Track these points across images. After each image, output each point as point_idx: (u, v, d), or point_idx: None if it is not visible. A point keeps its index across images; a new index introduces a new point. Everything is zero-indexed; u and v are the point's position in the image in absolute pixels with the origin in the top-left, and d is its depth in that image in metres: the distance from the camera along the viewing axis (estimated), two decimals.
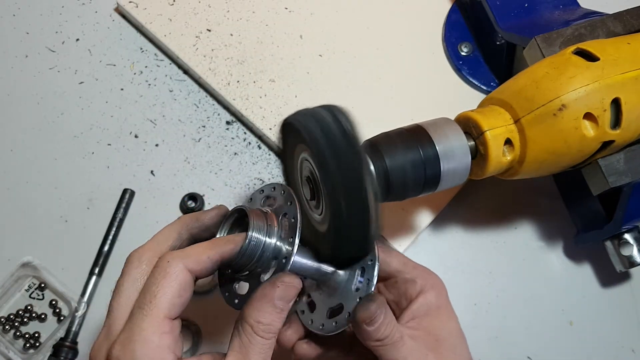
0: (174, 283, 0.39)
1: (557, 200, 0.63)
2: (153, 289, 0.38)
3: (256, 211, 0.42)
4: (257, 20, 0.68)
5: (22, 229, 0.61)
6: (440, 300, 0.47)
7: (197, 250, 0.40)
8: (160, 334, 0.38)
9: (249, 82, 0.65)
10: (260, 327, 0.40)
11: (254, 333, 0.40)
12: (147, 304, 0.38)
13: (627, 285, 0.62)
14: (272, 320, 0.40)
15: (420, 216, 0.61)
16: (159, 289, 0.38)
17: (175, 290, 0.38)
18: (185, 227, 0.44)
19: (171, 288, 0.38)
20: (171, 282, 0.38)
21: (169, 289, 0.38)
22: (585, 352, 0.59)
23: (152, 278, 0.39)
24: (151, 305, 0.38)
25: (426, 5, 0.70)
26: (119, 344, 0.38)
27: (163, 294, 0.38)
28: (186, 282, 0.39)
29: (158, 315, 0.38)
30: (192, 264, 0.39)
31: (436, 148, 0.45)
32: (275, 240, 0.42)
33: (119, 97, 0.66)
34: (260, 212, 0.42)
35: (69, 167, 0.64)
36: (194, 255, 0.40)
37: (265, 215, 0.42)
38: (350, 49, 0.68)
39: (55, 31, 0.69)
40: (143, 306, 0.38)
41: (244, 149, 0.65)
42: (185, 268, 0.39)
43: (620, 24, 0.52)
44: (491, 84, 0.66)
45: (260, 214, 0.42)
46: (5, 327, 0.58)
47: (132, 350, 0.37)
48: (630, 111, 0.46)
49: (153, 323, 0.38)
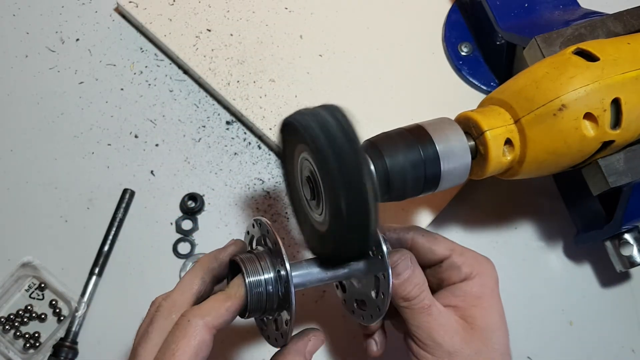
0: (192, 342, 0.39)
1: (557, 200, 0.63)
2: (173, 347, 0.39)
3: (247, 257, 0.43)
4: (257, 20, 0.68)
5: (22, 229, 0.61)
6: (484, 289, 0.46)
7: (215, 305, 0.41)
8: None
9: (249, 82, 0.65)
10: None
11: None
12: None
13: (627, 285, 0.62)
14: None
15: (420, 216, 0.61)
16: (178, 347, 0.39)
17: (193, 350, 0.39)
18: (206, 270, 0.45)
19: (190, 347, 0.39)
20: (190, 342, 0.39)
21: (187, 348, 0.39)
22: (585, 352, 0.59)
23: (172, 336, 0.40)
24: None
25: (426, 5, 0.70)
26: None
27: (182, 354, 0.39)
28: (205, 341, 0.40)
29: None
30: (212, 319, 0.40)
31: (436, 148, 0.45)
32: (272, 273, 0.42)
33: (119, 97, 0.66)
34: (251, 256, 0.43)
35: (69, 167, 0.64)
36: (213, 311, 0.41)
37: (257, 256, 0.43)
38: (350, 49, 0.68)
39: (55, 31, 0.69)
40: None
41: (244, 149, 0.65)
42: (205, 326, 0.40)
43: (620, 24, 0.52)
44: (491, 84, 0.66)
45: (252, 258, 0.43)
46: (5, 327, 0.58)
47: None
48: (630, 111, 0.46)
49: None
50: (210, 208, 0.63)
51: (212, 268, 0.45)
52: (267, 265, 0.42)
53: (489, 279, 0.47)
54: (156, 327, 0.41)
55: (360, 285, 0.47)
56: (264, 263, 0.43)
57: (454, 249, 0.47)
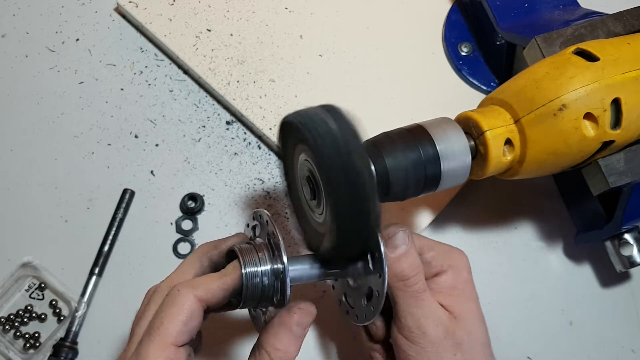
0: (181, 311, 0.40)
1: (557, 200, 0.63)
2: (162, 315, 0.40)
3: (245, 247, 0.44)
4: (257, 20, 0.68)
5: (22, 229, 0.61)
6: (458, 281, 0.46)
7: (207, 279, 0.42)
8: (164, 359, 0.39)
9: (249, 82, 0.65)
10: (277, 354, 0.41)
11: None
12: (155, 330, 0.39)
13: (627, 285, 0.62)
14: (289, 347, 0.41)
15: (420, 216, 0.61)
16: (166, 316, 0.39)
17: (182, 318, 0.39)
18: (205, 255, 0.45)
19: (179, 316, 0.39)
20: (179, 310, 0.40)
21: (176, 316, 0.39)
22: (585, 352, 0.59)
23: (162, 306, 0.40)
24: (158, 331, 0.39)
25: (426, 5, 0.70)
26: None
27: (170, 322, 0.39)
28: (194, 311, 0.40)
29: (164, 341, 0.39)
30: (202, 292, 0.40)
31: (437, 148, 0.45)
32: (269, 265, 0.43)
33: (119, 97, 0.66)
34: (249, 247, 0.44)
35: (69, 167, 0.64)
36: (204, 284, 0.41)
37: (255, 247, 0.44)
38: (350, 49, 0.68)
39: (55, 31, 0.69)
40: (151, 332, 0.39)
41: (244, 149, 0.65)
42: (194, 297, 0.40)
43: (620, 24, 0.52)
44: (491, 84, 0.66)
45: (250, 248, 0.43)
46: (5, 327, 0.58)
47: None
48: (630, 111, 0.46)
49: (158, 348, 0.39)
50: (210, 208, 0.63)
51: (211, 255, 0.45)
52: (265, 257, 0.43)
53: (462, 270, 0.47)
54: (152, 306, 0.42)
55: (356, 285, 0.47)
56: (262, 255, 0.43)
57: (422, 245, 0.47)
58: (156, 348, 0.39)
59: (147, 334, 0.40)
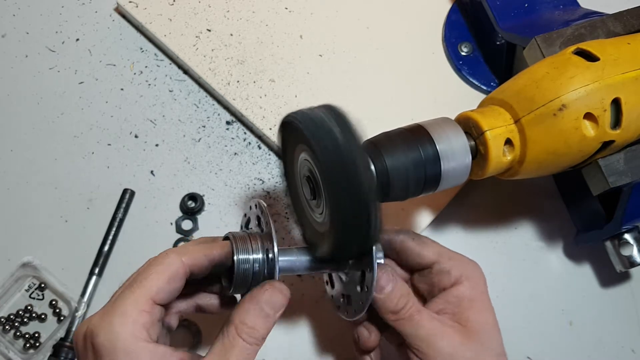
0: (166, 270, 0.41)
1: (557, 200, 0.63)
2: (147, 272, 0.41)
3: (240, 235, 0.45)
4: (257, 20, 0.68)
5: (22, 229, 0.61)
6: (475, 292, 0.46)
7: (195, 247, 0.43)
8: (140, 310, 0.39)
9: (249, 82, 0.65)
10: (243, 329, 0.40)
11: (237, 335, 0.40)
12: (137, 283, 0.40)
13: (627, 285, 0.62)
14: (257, 324, 0.41)
15: (420, 216, 0.61)
16: (151, 272, 0.41)
17: (165, 277, 0.41)
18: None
19: (162, 274, 0.41)
20: (164, 269, 0.41)
21: (160, 274, 0.41)
22: (585, 352, 0.59)
23: (147, 265, 0.42)
24: (139, 285, 0.40)
25: (426, 5, 0.70)
26: (98, 315, 0.40)
27: (153, 278, 0.40)
28: (178, 272, 0.41)
29: (143, 294, 0.40)
30: (188, 258, 0.42)
31: (437, 148, 0.45)
32: (261, 254, 0.44)
33: (119, 97, 0.66)
34: (243, 235, 0.45)
35: (69, 167, 0.64)
36: (191, 251, 0.42)
37: (249, 236, 0.45)
38: (350, 49, 0.68)
39: (55, 31, 0.69)
40: (133, 285, 0.40)
41: (244, 149, 0.65)
42: (180, 260, 0.41)
43: (620, 24, 0.52)
44: (491, 84, 0.66)
45: (244, 236, 0.45)
46: (5, 327, 0.58)
47: (109, 322, 0.39)
48: (630, 111, 0.46)
49: (135, 300, 0.40)
50: (210, 208, 0.63)
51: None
52: (258, 245, 0.44)
53: (479, 282, 0.47)
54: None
55: (347, 279, 0.48)
56: (255, 243, 0.44)
57: (442, 254, 0.48)
58: (134, 299, 0.40)
59: (129, 287, 0.41)
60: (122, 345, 0.38)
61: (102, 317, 0.40)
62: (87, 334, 0.40)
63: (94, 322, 0.40)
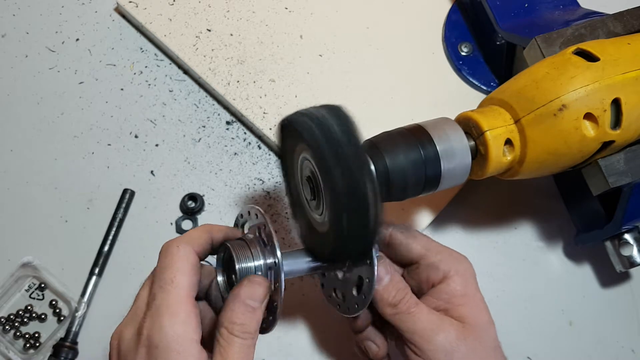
0: (187, 264, 0.41)
1: (557, 200, 0.63)
2: (170, 270, 0.41)
3: (238, 242, 0.44)
4: (257, 20, 0.68)
5: (22, 229, 0.61)
6: (467, 287, 0.46)
7: (197, 234, 0.43)
8: (186, 310, 0.40)
9: (249, 82, 0.65)
10: (235, 328, 0.41)
11: (230, 334, 0.40)
12: (168, 283, 0.40)
13: (627, 285, 0.62)
14: (245, 320, 0.41)
15: (420, 216, 0.61)
16: (176, 269, 0.41)
17: (190, 270, 0.41)
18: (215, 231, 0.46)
19: (187, 268, 0.41)
20: (185, 263, 0.41)
21: (185, 269, 0.41)
22: (585, 352, 0.59)
23: (165, 261, 0.41)
24: (173, 284, 0.40)
25: (426, 5, 0.70)
26: (149, 318, 0.40)
27: (182, 274, 0.40)
28: (196, 263, 0.42)
29: (181, 293, 0.40)
30: (197, 247, 0.42)
31: (437, 148, 0.45)
32: (262, 260, 0.43)
33: (119, 97, 0.66)
34: (242, 242, 0.44)
35: (69, 167, 0.64)
36: (196, 239, 0.43)
37: (247, 243, 0.44)
38: (350, 49, 0.68)
39: (55, 31, 0.69)
40: (164, 285, 0.40)
41: (244, 149, 0.65)
42: (193, 251, 0.42)
43: (620, 24, 0.52)
44: (491, 84, 0.66)
45: (243, 244, 0.44)
46: (5, 327, 0.58)
47: (161, 325, 0.39)
48: (630, 111, 0.46)
49: (178, 299, 0.40)
50: (210, 208, 0.63)
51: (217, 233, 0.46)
52: (258, 252, 0.43)
53: (469, 276, 0.47)
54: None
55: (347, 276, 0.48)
56: (255, 250, 0.43)
57: (430, 247, 0.47)
58: (177, 299, 0.40)
59: (160, 287, 0.40)
60: (176, 346, 0.39)
61: (153, 321, 0.39)
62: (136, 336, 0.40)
63: (147, 326, 0.40)
